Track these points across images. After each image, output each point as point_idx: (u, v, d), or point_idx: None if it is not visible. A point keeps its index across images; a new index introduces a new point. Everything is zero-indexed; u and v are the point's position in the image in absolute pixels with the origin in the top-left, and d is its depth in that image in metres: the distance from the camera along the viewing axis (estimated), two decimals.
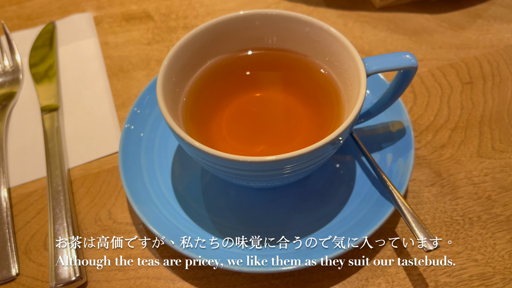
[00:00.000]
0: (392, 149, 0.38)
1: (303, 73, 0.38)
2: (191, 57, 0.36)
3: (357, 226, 0.34)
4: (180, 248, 0.33)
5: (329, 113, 0.36)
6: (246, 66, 0.39)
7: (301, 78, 0.39)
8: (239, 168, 0.30)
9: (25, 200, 0.40)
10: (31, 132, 0.45)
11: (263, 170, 0.30)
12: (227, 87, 0.39)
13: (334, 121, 0.35)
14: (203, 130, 0.36)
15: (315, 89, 0.38)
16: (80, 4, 0.58)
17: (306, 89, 0.38)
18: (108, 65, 0.51)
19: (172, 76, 0.34)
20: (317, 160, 0.31)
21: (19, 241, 0.38)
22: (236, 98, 0.38)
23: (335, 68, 0.36)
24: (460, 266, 0.34)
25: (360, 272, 0.34)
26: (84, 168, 0.42)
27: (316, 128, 0.36)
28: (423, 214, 0.37)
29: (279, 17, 0.37)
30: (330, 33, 0.35)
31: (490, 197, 0.38)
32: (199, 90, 0.37)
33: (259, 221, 0.36)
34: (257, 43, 0.39)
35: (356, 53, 0.33)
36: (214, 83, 0.38)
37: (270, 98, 0.39)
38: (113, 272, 0.35)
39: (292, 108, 0.38)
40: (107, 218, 0.38)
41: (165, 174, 0.38)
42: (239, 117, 0.37)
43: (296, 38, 0.37)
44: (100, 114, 0.46)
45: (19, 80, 0.49)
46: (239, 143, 0.36)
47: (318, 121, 0.36)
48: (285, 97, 0.39)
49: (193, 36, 0.35)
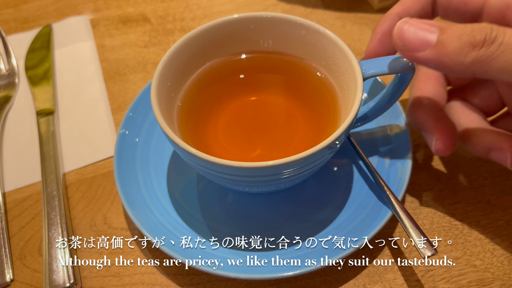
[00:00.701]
0: (389, 153, 0.38)
1: (299, 76, 0.38)
2: (186, 61, 0.36)
3: (354, 231, 0.33)
4: (175, 254, 0.32)
5: (326, 117, 0.36)
6: (242, 69, 0.39)
7: (297, 82, 0.38)
8: (234, 174, 0.30)
9: (20, 205, 0.40)
10: (27, 136, 0.45)
11: (258, 176, 0.30)
12: (222, 91, 0.38)
13: (331, 124, 0.35)
14: (199, 135, 0.36)
15: (311, 92, 0.37)
16: (77, 6, 0.58)
17: (303, 93, 0.38)
18: (105, 68, 0.50)
19: (167, 80, 0.34)
20: (313, 164, 0.31)
21: (13, 247, 0.37)
22: (231, 102, 0.38)
23: (331, 71, 0.36)
24: (459, 272, 0.34)
25: (357, 278, 0.34)
26: (80, 173, 0.42)
27: (312, 131, 0.36)
28: (421, 219, 0.37)
29: (275, 20, 0.36)
30: (326, 36, 0.35)
31: (490, 202, 0.37)
32: (194, 95, 0.37)
33: (256, 226, 0.35)
34: (252, 47, 0.38)
35: (352, 56, 0.32)
36: (209, 87, 0.38)
37: (266, 102, 0.38)
38: (108, 278, 0.35)
39: (288, 112, 0.38)
40: (102, 223, 0.38)
41: (160, 179, 0.38)
42: (235, 121, 0.37)
43: (292, 41, 0.37)
44: (96, 118, 0.46)
45: (15, 83, 0.49)
46: (235, 147, 0.36)
47: (314, 124, 0.36)
48: (281, 101, 0.38)
49: (187, 40, 0.35)
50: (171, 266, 0.35)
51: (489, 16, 0.30)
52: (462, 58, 0.26)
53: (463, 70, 0.26)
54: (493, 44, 0.25)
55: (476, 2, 0.30)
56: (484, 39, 0.25)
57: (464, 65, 0.26)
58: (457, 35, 0.26)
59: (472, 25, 0.26)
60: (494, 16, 0.30)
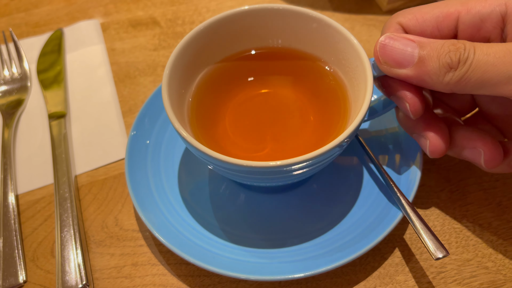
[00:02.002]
0: (400, 154, 0.38)
1: (310, 71, 0.38)
2: (195, 55, 0.36)
3: (365, 233, 0.33)
4: (186, 255, 0.33)
5: (336, 112, 0.35)
6: (251, 64, 0.39)
7: (308, 77, 0.38)
8: (244, 172, 0.30)
9: (32, 207, 0.40)
10: (39, 139, 0.45)
11: (268, 174, 0.30)
12: (233, 87, 0.38)
13: (341, 120, 0.35)
14: (209, 129, 0.36)
15: (321, 87, 0.37)
16: (87, 11, 0.58)
17: (313, 87, 0.38)
18: (115, 72, 0.51)
19: (177, 76, 0.34)
20: (323, 162, 0.31)
21: (26, 248, 0.38)
22: (241, 97, 0.38)
23: (342, 66, 0.36)
24: (471, 274, 0.34)
25: (368, 280, 0.34)
26: (91, 175, 0.42)
27: (323, 126, 0.36)
28: (432, 221, 0.37)
29: (286, 12, 0.36)
30: (338, 31, 0.34)
31: (501, 203, 0.37)
32: (204, 90, 0.37)
33: (267, 228, 0.36)
34: (262, 40, 0.38)
35: (363, 53, 0.32)
36: (218, 83, 0.38)
37: (276, 97, 0.38)
38: (119, 280, 0.35)
39: (298, 106, 0.37)
40: (113, 225, 0.38)
41: (171, 181, 0.38)
42: (245, 115, 0.37)
43: (303, 34, 0.37)
44: (107, 121, 0.46)
45: (27, 87, 0.50)
46: (244, 142, 0.35)
47: (324, 119, 0.36)
48: (291, 95, 0.38)
49: (196, 34, 0.35)
50: (182, 268, 0.35)
51: (464, 33, 0.30)
52: (441, 78, 0.27)
53: (442, 88, 0.28)
54: (465, 64, 0.26)
55: (448, 24, 0.30)
56: (459, 59, 0.26)
57: (443, 84, 0.27)
58: (436, 55, 0.27)
59: (448, 44, 0.27)
60: (470, 32, 0.30)
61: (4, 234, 0.37)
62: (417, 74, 0.28)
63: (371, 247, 0.32)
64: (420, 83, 0.29)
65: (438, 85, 0.28)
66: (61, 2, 0.60)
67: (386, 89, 0.32)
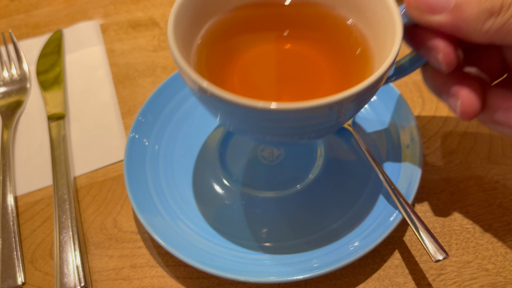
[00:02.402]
0: (399, 156, 0.38)
1: (329, 24, 0.35)
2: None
3: (364, 235, 0.33)
4: (185, 257, 0.32)
5: (356, 68, 0.32)
6: (267, 15, 0.36)
7: (327, 30, 0.35)
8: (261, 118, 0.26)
9: (31, 209, 0.40)
10: (38, 140, 0.45)
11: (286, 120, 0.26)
12: (246, 35, 0.35)
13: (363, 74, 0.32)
14: (217, 77, 0.32)
15: (342, 41, 0.34)
16: (87, 12, 0.58)
17: (332, 41, 0.35)
18: (114, 73, 0.51)
19: (187, 16, 0.31)
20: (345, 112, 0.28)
21: (25, 250, 0.38)
22: (255, 47, 0.35)
23: (365, 18, 0.33)
24: (471, 276, 0.33)
25: (367, 282, 0.34)
26: (90, 176, 0.42)
27: (344, 80, 0.33)
28: (432, 222, 0.36)
29: None
30: None
31: (501, 205, 0.37)
32: (215, 35, 0.34)
33: (266, 230, 0.36)
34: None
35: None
36: (231, 29, 0.35)
37: (292, 49, 0.35)
38: (118, 281, 0.35)
39: (315, 61, 0.34)
40: (112, 227, 0.38)
41: (170, 183, 0.38)
42: (258, 67, 0.34)
43: None
44: (106, 122, 0.46)
45: (27, 88, 0.49)
46: (256, 94, 0.32)
47: (346, 74, 0.33)
48: (309, 49, 0.35)
49: None
50: (181, 270, 0.35)
51: None
52: (480, 26, 0.24)
53: (480, 37, 0.25)
54: (509, 10, 0.24)
55: None
56: (501, 4, 0.24)
57: (482, 32, 0.25)
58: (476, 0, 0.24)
59: None
60: None
61: (3, 235, 0.37)
62: (453, 21, 0.25)
63: (370, 249, 0.32)
64: (455, 32, 0.26)
65: (476, 34, 0.25)
66: (61, 3, 0.60)
67: (415, 40, 0.29)
